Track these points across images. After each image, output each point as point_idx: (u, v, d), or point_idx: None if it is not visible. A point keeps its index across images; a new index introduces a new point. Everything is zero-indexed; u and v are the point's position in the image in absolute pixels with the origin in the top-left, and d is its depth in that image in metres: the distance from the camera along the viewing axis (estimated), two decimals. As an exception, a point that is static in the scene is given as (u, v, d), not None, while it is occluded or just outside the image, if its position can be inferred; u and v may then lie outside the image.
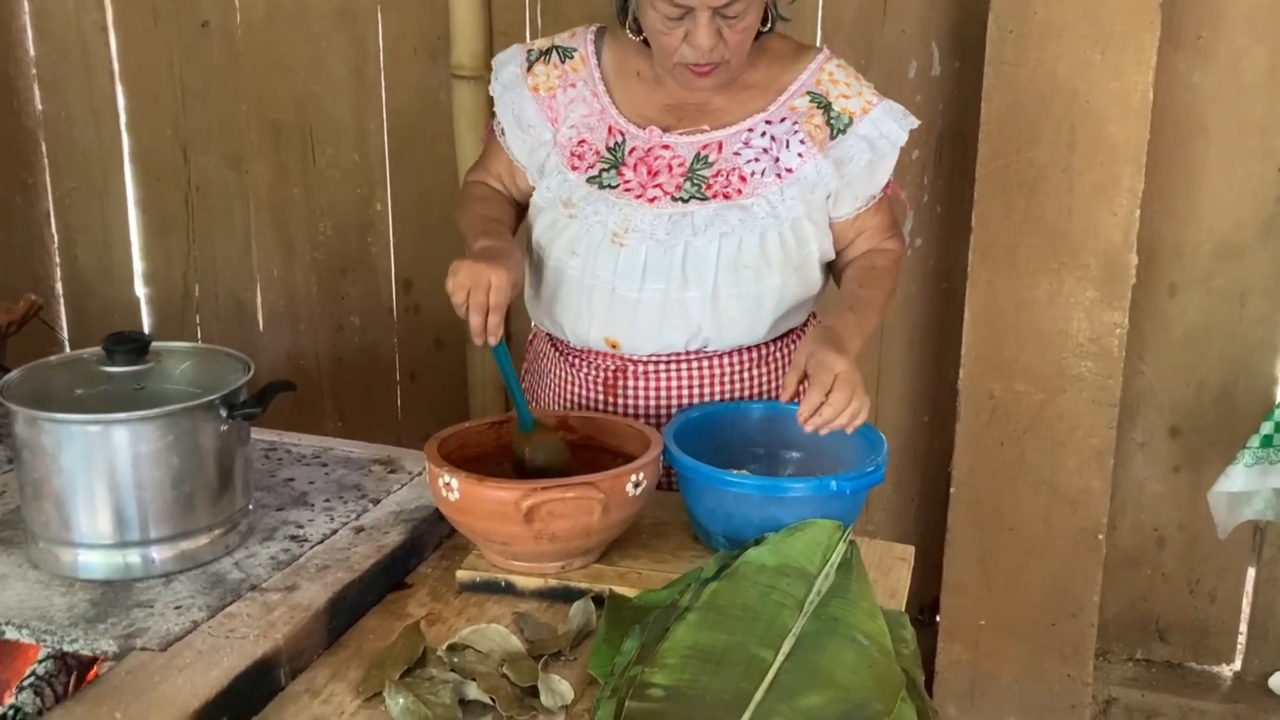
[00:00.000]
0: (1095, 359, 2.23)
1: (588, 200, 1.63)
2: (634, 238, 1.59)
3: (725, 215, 1.58)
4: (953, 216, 2.42)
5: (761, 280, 1.60)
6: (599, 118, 1.66)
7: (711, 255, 1.58)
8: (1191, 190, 2.30)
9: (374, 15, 2.71)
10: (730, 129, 1.62)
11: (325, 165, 2.84)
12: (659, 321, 1.62)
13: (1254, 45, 2.19)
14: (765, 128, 1.62)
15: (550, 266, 1.67)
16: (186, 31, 2.86)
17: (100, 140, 3.01)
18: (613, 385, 1.68)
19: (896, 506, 2.64)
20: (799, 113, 1.62)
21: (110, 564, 1.31)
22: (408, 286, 2.87)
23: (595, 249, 1.61)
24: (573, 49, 1.70)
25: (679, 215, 1.59)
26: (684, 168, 1.61)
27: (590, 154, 1.65)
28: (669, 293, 1.60)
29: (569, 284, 1.65)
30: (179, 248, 3.03)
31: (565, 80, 1.69)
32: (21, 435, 1.31)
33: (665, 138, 1.63)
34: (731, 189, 1.59)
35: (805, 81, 1.64)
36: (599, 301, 1.63)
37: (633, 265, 1.60)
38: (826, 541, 1.31)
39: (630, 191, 1.62)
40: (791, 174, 1.60)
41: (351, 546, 1.41)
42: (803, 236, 1.62)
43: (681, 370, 1.66)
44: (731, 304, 1.61)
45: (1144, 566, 2.52)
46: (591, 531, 1.35)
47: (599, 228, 1.61)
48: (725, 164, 1.60)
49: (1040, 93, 2.14)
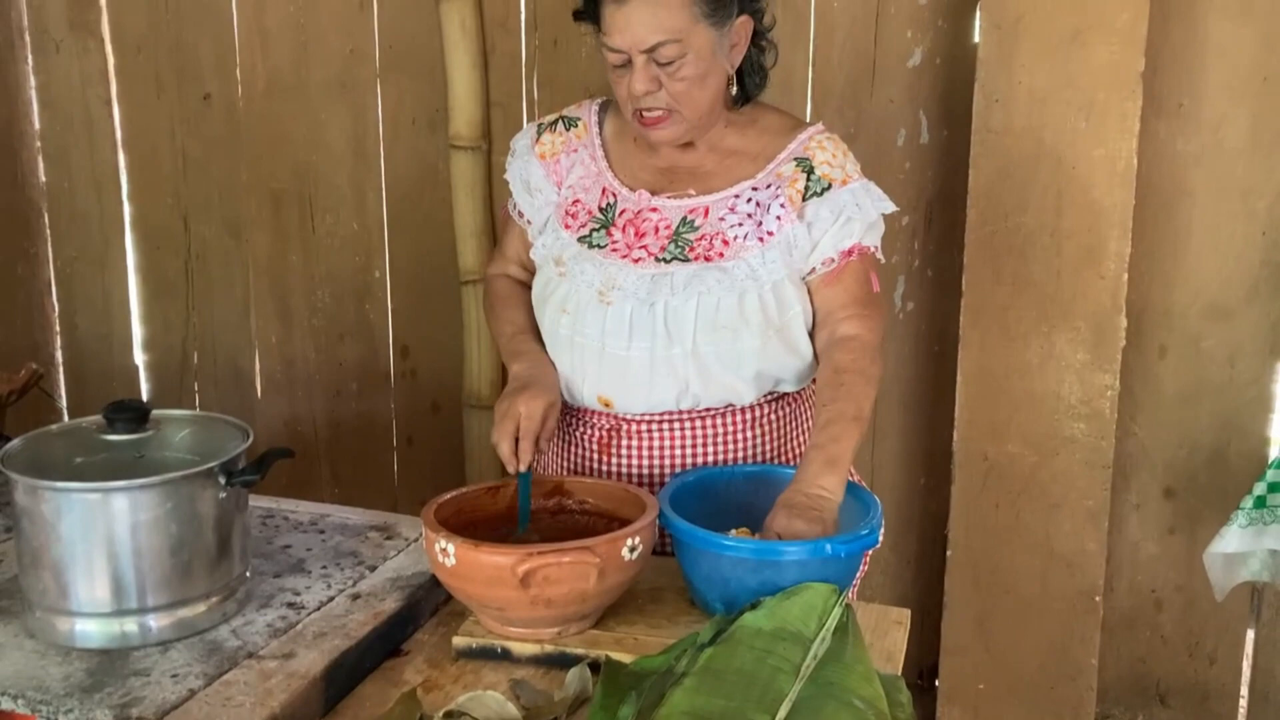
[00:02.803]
0: (1088, 421, 2.25)
1: (576, 259, 1.67)
2: (618, 296, 1.63)
3: (703, 276, 1.61)
4: (943, 280, 2.45)
5: (739, 340, 1.62)
6: (595, 180, 1.71)
7: (689, 314, 1.61)
8: (1178, 253, 2.33)
9: (373, 87, 2.76)
10: (717, 194, 1.66)
11: (324, 233, 2.88)
12: (649, 378, 1.64)
13: (1234, 111, 2.24)
14: (751, 194, 1.65)
15: (545, 326, 1.71)
16: (189, 103, 2.91)
17: (102, 210, 3.05)
18: (608, 445, 1.69)
19: (894, 570, 2.63)
20: (784, 178, 1.65)
21: (107, 633, 1.32)
22: (405, 352, 2.89)
23: (584, 308, 1.65)
24: (577, 118, 1.77)
25: (660, 275, 1.62)
26: (670, 230, 1.65)
27: (583, 213, 1.70)
28: (655, 350, 1.62)
29: (562, 342, 1.68)
30: (178, 315, 3.06)
31: (569, 146, 1.75)
32: (21, 504, 1.32)
33: (653, 200, 1.67)
34: (714, 252, 1.62)
35: (794, 150, 1.67)
36: (590, 359, 1.66)
37: (619, 324, 1.63)
38: (822, 605, 1.31)
39: (617, 251, 1.65)
40: (773, 237, 1.62)
41: (348, 613, 1.41)
42: (784, 299, 1.63)
43: (675, 430, 1.68)
44: (712, 361, 1.63)
45: (1142, 628, 2.51)
46: (588, 597, 1.35)
47: (586, 287, 1.65)
48: (710, 228, 1.63)
49: (1027, 159, 2.19)
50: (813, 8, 2.43)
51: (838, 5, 2.41)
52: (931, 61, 2.39)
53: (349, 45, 2.75)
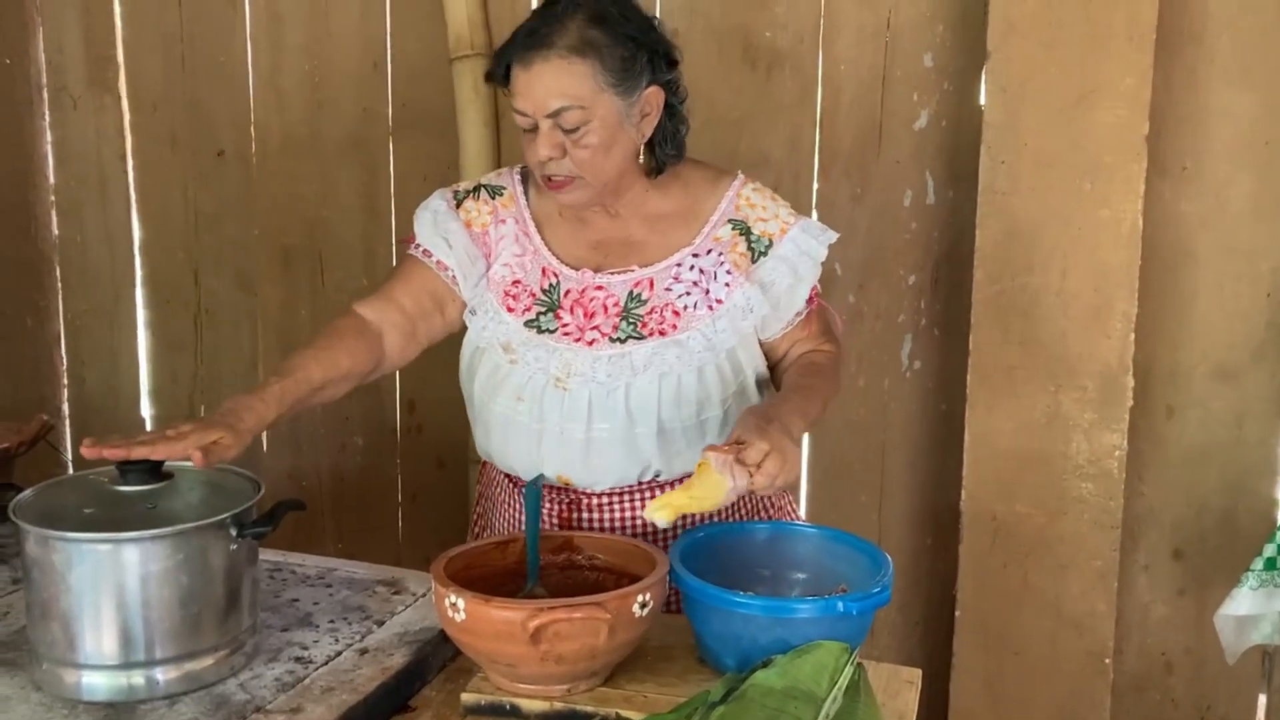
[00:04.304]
0: (1095, 481, 2.25)
1: (527, 346, 1.65)
2: (576, 382, 1.62)
3: (663, 354, 1.61)
4: (950, 339, 2.46)
5: (704, 412, 1.64)
6: (532, 258, 1.69)
7: (653, 394, 1.61)
8: (1183, 314, 2.34)
9: (385, 144, 2.80)
10: (659, 265, 1.65)
11: (333, 289, 2.90)
12: (610, 459, 1.64)
13: (1238, 174, 2.26)
14: (693, 260, 1.65)
15: (497, 412, 1.69)
16: (202, 160, 2.95)
17: (113, 264, 3.08)
18: (567, 517, 1.69)
19: (901, 631, 2.61)
20: (723, 242, 1.65)
21: (114, 686, 1.31)
22: (411, 407, 2.90)
23: (540, 394, 1.64)
24: (501, 187, 1.74)
25: (618, 356, 1.62)
26: (619, 307, 1.64)
27: (525, 295, 1.67)
28: (615, 431, 1.62)
29: (518, 429, 1.67)
30: (186, 368, 3.07)
31: (496, 216, 1.71)
32: (32, 554, 1.32)
33: (597, 278, 1.66)
34: (666, 324, 1.62)
35: (725, 210, 1.67)
36: (549, 443, 1.65)
37: (577, 408, 1.62)
38: (834, 664, 1.31)
39: (569, 335, 1.64)
40: (722, 304, 1.63)
41: (356, 668, 1.40)
42: (737, 364, 1.66)
43: (635, 500, 1.67)
44: (678, 436, 1.63)
45: (1153, 692, 2.48)
46: (598, 653, 1.34)
47: (541, 375, 1.64)
48: (658, 300, 1.64)
49: (1033, 220, 2.21)
50: (820, 70, 2.47)
51: (844, 68, 2.45)
52: (938, 123, 2.42)
53: (362, 104, 2.79)
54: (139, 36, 2.96)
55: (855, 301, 2.52)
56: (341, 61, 2.80)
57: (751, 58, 2.49)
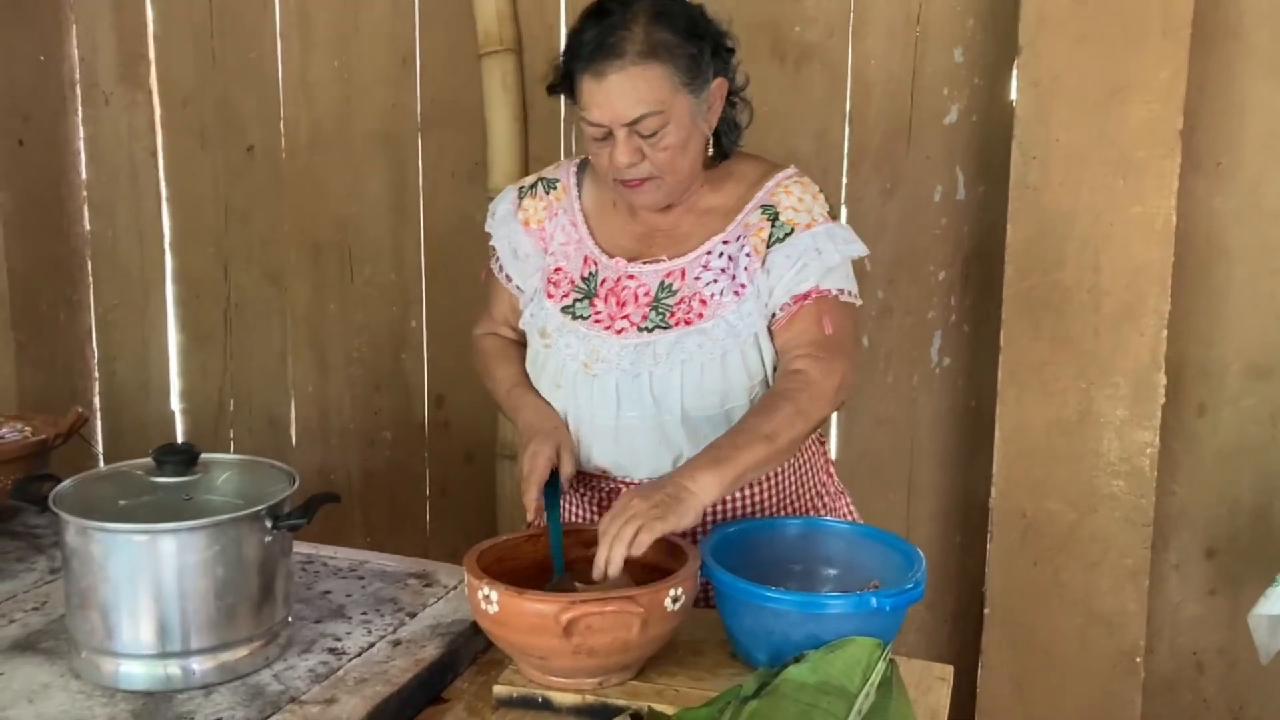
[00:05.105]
0: (1127, 478, 2.23)
1: (560, 331, 1.67)
2: (602, 368, 1.63)
3: (684, 343, 1.61)
4: (980, 336, 2.45)
5: (727, 402, 1.62)
6: (576, 247, 1.70)
7: (675, 382, 1.61)
8: (1216, 311, 2.32)
9: (414, 140, 2.81)
10: (691, 255, 1.65)
11: (362, 283, 2.91)
12: (641, 446, 1.64)
13: (1272, 169, 2.24)
14: (722, 248, 1.64)
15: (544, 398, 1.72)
16: (233, 156, 2.97)
17: (144, 259, 3.10)
18: (607, 506, 1.68)
19: (930, 628, 2.60)
20: (750, 227, 1.64)
21: (151, 675, 1.32)
22: (440, 402, 2.91)
23: (573, 380, 1.65)
24: (556, 180, 1.76)
25: (642, 345, 1.62)
26: (649, 297, 1.64)
27: (566, 282, 1.69)
28: (644, 419, 1.63)
29: (559, 415, 1.69)
30: (216, 363, 3.09)
31: (550, 210, 1.74)
32: (71, 544, 1.33)
33: (630, 268, 1.66)
34: (693, 314, 1.62)
35: (760, 198, 1.65)
36: (584, 430, 1.67)
37: (606, 395, 1.63)
38: (867, 660, 1.30)
39: (600, 323, 1.65)
40: (746, 289, 1.61)
41: (389, 660, 1.41)
42: (765, 349, 1.63)
43: None
44: (703, 424, 1.62)
45: (1184, 692, 2.46)
46: (630, 647, 1.34)
47: (571, 360, 1.65)
48: (687, 290, 1.63)
49: (1064, 216, 2.19)
50: (849, 66, 2.46)
51: (874, 63, 2.44)
52: (968, 118, 2.41)
53: (391, 100, 2.81)
54: (170, 33, 2.98)
55: (885, 297, 2.51)
56: (370, 57, 2.81)
57: (781, 52, 2.48)
